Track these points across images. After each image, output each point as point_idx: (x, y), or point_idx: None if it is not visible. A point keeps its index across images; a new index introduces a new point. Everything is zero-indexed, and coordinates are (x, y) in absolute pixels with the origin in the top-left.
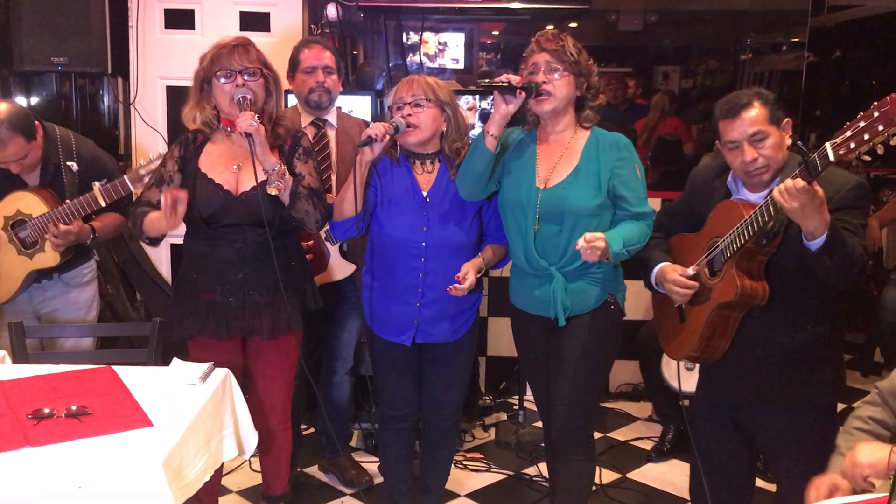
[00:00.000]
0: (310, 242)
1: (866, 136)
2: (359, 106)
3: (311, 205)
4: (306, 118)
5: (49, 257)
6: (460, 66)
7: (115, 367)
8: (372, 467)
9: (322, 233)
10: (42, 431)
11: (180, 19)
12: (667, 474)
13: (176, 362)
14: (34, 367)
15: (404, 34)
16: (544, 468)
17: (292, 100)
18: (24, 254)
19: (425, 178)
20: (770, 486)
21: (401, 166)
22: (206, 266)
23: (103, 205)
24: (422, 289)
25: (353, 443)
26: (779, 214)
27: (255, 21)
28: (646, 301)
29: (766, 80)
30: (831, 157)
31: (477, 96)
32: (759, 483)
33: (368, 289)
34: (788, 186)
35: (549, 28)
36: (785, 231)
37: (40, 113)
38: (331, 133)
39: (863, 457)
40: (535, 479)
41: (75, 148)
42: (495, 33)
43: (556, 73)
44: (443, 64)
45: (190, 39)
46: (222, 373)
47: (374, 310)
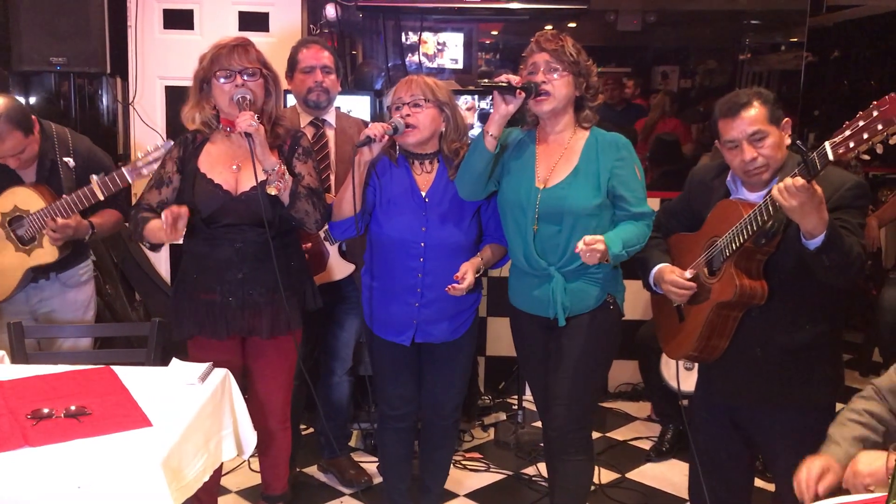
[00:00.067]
0: (308, 245)
1: (865, 136)
2: (357, 106)
3: (310, 205)
4: (305, 118)
5: (47, 253)
6: (459, 66)
7: (114, 368)
8: (371, 467)
9: (321, 233)
10: (41, 431)
11: (179, 19)
12: (666, 474)
13: (175, 362)
14: (33, 367)
15: (403, 34)
16: (543, 468)
17: (291, 100)
18: (22, 250)
19: (424, 178)
20: (769, 486)
21: (400, 166)
22: (205, 266)
23: (101, 197)
24: (421, 289)
25: (353, 443)
26: (778, 214)
27: (253, 21)
28: (645, 301)
29: (765, 80)
30: (830, 157)
31: (476, 96)
32: (757, 483)
33: (368, 289)
34: (788, 185)
35: (549, 28)
36: (784, 231)
37: (39, 113)
38: (329, 133)
39: (863, 466)
40: (534, 478)
41: (72, 144)
42: (494, 33)
43: (555, 73)
44: (441, 64)
45: (189, 39)
46: (221, 373)
47: (374, 310)
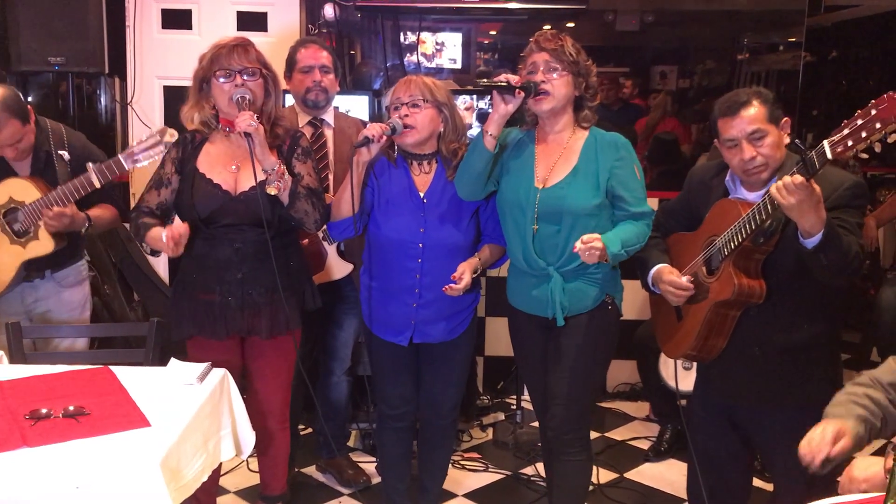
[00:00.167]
0: (305, 242)
1: (864, 134)
2: (356, 106)
3: (310, 205)
4: (303, 118)
5: (43, 245)
6: (458, 66)
7: (112, 368)
8: (370, 467)
9: (319, 233)
10: (39, 432)
11: (177, 19)
12: (664, 474)
13: (174, 362)
14: (31, 367)
15: (401, 34)
16: (542, 468)
17: (289, 100)
18: (17, 243)
19: (422, 178)
20: (767, 486)
21: (398, 167)
22: (204, 266)
23: (98, 185)
24: (419, 289)
25: (351, 443)
26: (776, 212)
27: (252, 21)
28: (643, 301)
29: (763, 80)
30: (829, 155)
31: (474, 96)
32: (756, 482)
33: (367, 288)
34: (786, 182)
35: (547, 28)
36: (782, 230)
37: (37, 112)
38: (328, 133)
39: (858, 472)
40: (532, 478)
41: (66, 138)
42: (493, 33)
43: (554, 72)
44: (440, 64)
45: (187, 39)
46: (220, 373)
47: (373, 310)
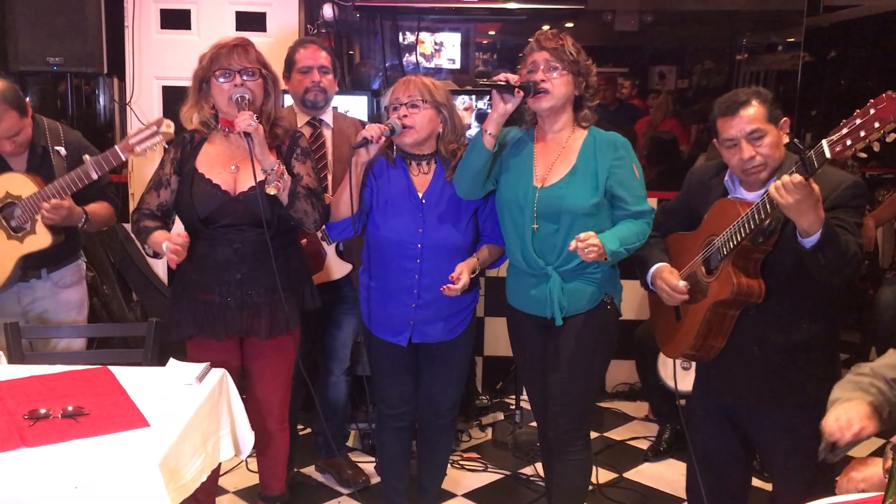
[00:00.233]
0: (304, 242)
1: (862, 133)
2: (355, 106)
3: (309, 205)
4: (302, 118)
5: (41, 239)
6: (456, 66)
7: (111, 368)
8: (369, 467)
9: (318, 232)
10: (38, 432)
11: (176, 19)
12: (663, 474)
13: (172, 362)
14: (30, 367)
15: (400, 34)
16: (541, 468)
17: (288, 100)
18: (14, 238)
19: (421, 179)
20: (766, 485)
21: (397, 167)
22: (204, 266)
23: (95, 177)
24: (417, 290)
25: (350, 443)
26: (775, 212)
27: (251, 21)
28: (642, 300)
29: (762, 80)
30: (828, 154)
31: (473, 96)
32: (755, 482)
33: (366, 288)
34: (785, 182)
35: (547, 28)
36: (781, 230)
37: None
38: (327, 133)
39: (857, 473)
40: (531, 478)
41: (63, 135)
42: (492, 33)
43: (554, 71)
44: (439, 64)
45: (186, 39)
46: (219, 373)
47: (372, 310)
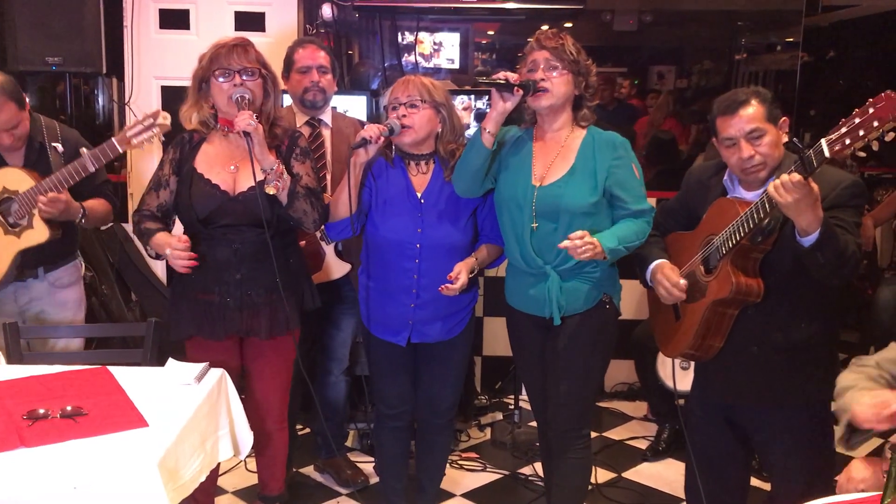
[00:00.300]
0: (302, 243)
1: (861, 132)
2: (354, 106)
3: (308, 204)
4: (301, 118)
5: (38, 233)
6: (455, 66)
7: (110, 368)
8: (368, 467)
9: (317, 232)
10: (37, 432)
11: (175, 19)
12: (662, 473)
13: (171, 362)
14: (29, 367)
15: (399, 34)
16: (539, 468)
17: (287, 100)
18: (12, 233)
19: (420, 179)
20: (765, 485)
21: (396, 167)
22: (203, 267)
23: (92, 169)
24: (416, 290)
25: (349, 443)
26: (774, 211)
27: (250, 21)
28: (641, 300)
29: (761, 80)
30: (826, 153)
31: (472, 96)
32: (753, 482)
33: (364, 288)
34: (784, 181)
35: (547, 27)
36: (780, 229)
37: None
38: (326, 133)
39: (857, 473)
40: (530, 478)
41: (60, 132)
42: (490, 33)
43: (554, 70)
44: (438, 64)
45: (185, 39)
46: (217, 373)
47: (370, 310)
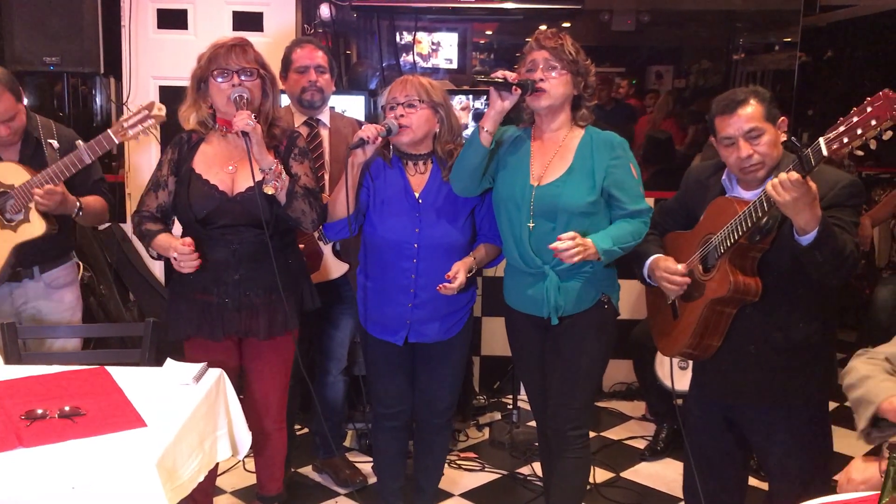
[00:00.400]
0: (301, 247)
1: (859, 131)
2: (352, 106)
3: (307, 204)
4: (299, 118)
5: (34, 227)
6: (454, 66)
7: (108, 368)
8: (366, 467)
9: (315, 232)
10: (35, 432)
11: (173, 19)
12: (660, 473)
13: (170, 363)
14: (27, 367)
15: (397, 34)
16: (538, 467)
17: (285, 100)
18: (8, 227)
19: (418, 179)
20: (763, 485)
21: (393, 167)
22: (202, 267)
23: (88, 161)
24: (414, 289)
25: (347, 443)
26: (772, 210)
27: (248, 21)
28: (639, 300)
29: (759, 80)
30: (824, 152)
31: (471, 96)
32: (752, 482)
33: (362, 288)
34: (782, 179)
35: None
36: (778, 228)
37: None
38: (324, 133)
39: (857, 474)
40: (528, 478)
41: (56, 130)
42: (488, 33)
43: (553, 70)
44: (436, 64)
45: (183, 39)
46: (216, 373)
47: (368, 309)
